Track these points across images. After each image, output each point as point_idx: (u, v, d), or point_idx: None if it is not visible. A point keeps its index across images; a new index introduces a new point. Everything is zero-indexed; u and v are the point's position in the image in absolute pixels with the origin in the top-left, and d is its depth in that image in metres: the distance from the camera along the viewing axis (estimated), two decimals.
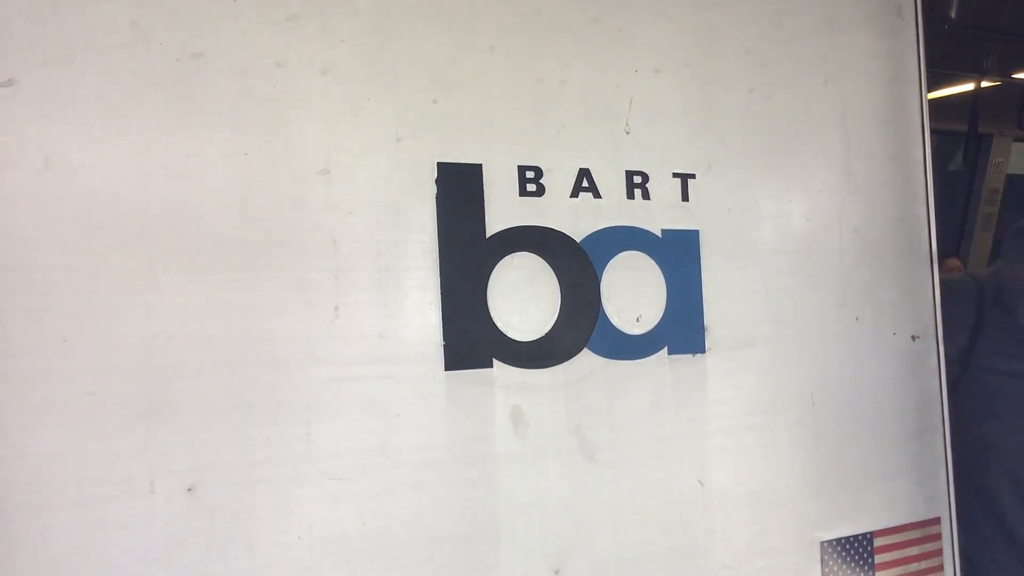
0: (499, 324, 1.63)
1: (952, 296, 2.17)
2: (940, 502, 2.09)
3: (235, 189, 1.43)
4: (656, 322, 1.78)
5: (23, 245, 1.29)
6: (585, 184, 1.72)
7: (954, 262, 6.43)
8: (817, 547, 1.94)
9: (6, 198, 1.28)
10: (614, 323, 1.73)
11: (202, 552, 1.39)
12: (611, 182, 1.74)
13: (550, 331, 1.67)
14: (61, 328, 1.31)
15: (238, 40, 1.44)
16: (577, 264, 1.70)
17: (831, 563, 1.94)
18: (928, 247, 2.10)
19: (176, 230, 1.38)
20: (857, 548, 1.98)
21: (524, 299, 1.65)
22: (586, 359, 1.71)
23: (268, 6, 1.47)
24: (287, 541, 1.45)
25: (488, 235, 1.63)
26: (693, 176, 1.82)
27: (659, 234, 1.78)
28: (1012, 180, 6.57)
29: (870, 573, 1.99)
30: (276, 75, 1.47)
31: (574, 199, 1.71)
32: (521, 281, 1.65)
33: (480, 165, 1.63)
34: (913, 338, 2.07)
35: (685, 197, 1.82)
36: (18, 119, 1.30)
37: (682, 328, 1.80)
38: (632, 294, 1.75)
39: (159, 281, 1.37)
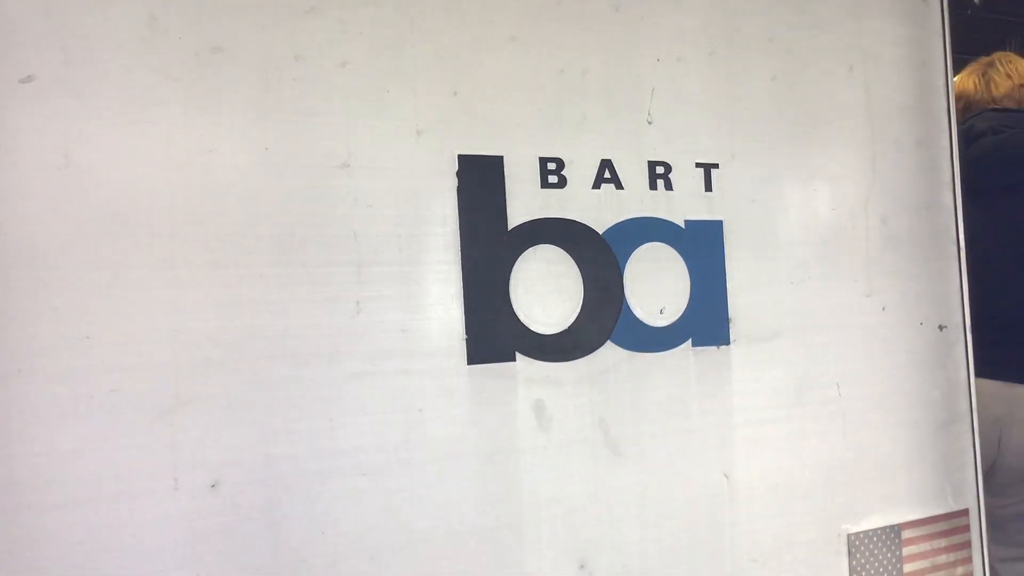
0: (522, 317, 1.61)
1: None
2: (968, 494, 2.07)
3: (255, 184, 1.42)
4: (680, 314, 1.76)
5: (44, 243, 1.28)
6: (607, 175, 1.70)
7: None
8: (844, 540, 1.92)
9: (26, 196, 1.28)
10: (637, 315, 1.72)
11: (226, 548, 1.38)
12: (633, 173, 1.73)
13: (573, 324, 1.66)
14: (83, 325, 1.30)
15: (257, 34, 1.43)
16: (600, 256, 1.68)
17: (858, 556, 1.92)
18: (955, 235, 2.07)
19: (197, 226, 1.38)
20: (884, 540, 1.96)
21: (547, 292, 1.64)
22: (609, 352, 1.69)
23: None
24: (311, 537, 1.44)
25: (510, 228, 1.61)
26: (716, 166, 1.80)
27: (682, 225, 1.77)
28: None
29: (897, 566, 1.97)
30: (296, 68, 1.46)
31: (596, 191, 1.69)
32: (543, 274, 1.63)
33: (501, 157, 1.61)
34: (940, 328, 2.05)
35: (708, 187, 1.80)
36: (37, 116, 1.29)
37: (706, 320, 1.78)
38: (655, 286, 1.74)
39: (181, 277, 1.36)
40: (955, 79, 2.88)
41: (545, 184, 1.65)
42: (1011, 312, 2.43)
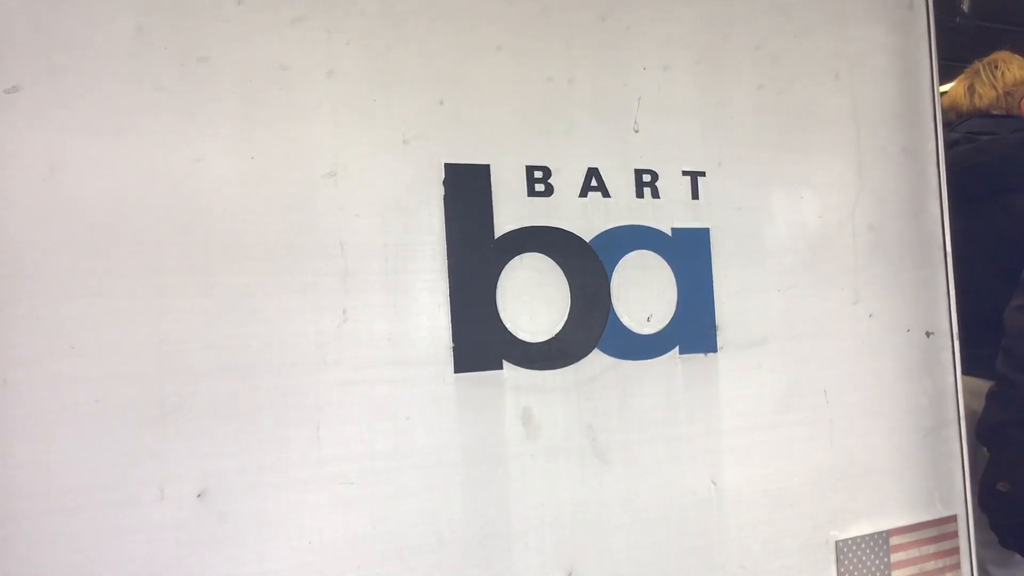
0: (509, 325, 1.61)
1: None
2: (956, 500, 2.07)
3: (242, 193, 1.42)
4: (667, 322, 1.76)
5: (29, 251, 1.28)
6: (594, 183, 1.70)
7: None
8: (832, 546, 1.92)
9: (12, 204, 1.28)
10: (625, 323, 1.72)
11: (212, 558, 1.38)
12: (620, 181, 1.73)
13: (560, 332, 1.66)
14: (69, 334, 1.30)
15: (243, 43, 1.44)
16: (587, 264, 1.69)
17: (847, 562, 1.93)
18: (942, 242, 2.08)
19: (183, 235, 1.38)
20: (873, 547, 1.96)
21: (534, 300, 1.64)
22: (597, 360, 1.69)
23: (273, 9, 1.46)
24: (298, 546, 1.44)
25: (497, 236, 1.61)
26: (703, 174, 1.81)
27: (669, 233, 1.77)
28: None
29: (886, 572, 1.97)
30: (282, 78, 1.46)
31: (583, 199, 1.69)
32: (530, 282, 1.64)
33: (488, 166, 1.61)
34: (927, 334, 2.05)
35: (695, 195, 1.80)
36: (23, 125, 1.29)
37: (693, 327, 1.79)
38: (643, 294, 1.74)
39: (166, 286, 1.36)
40: (949, 86, 2.89)
41: (532, 192, 1.65)
42: (988, 315, 2.43)
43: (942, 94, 2.16)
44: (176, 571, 1.36)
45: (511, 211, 1.63)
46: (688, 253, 1.79)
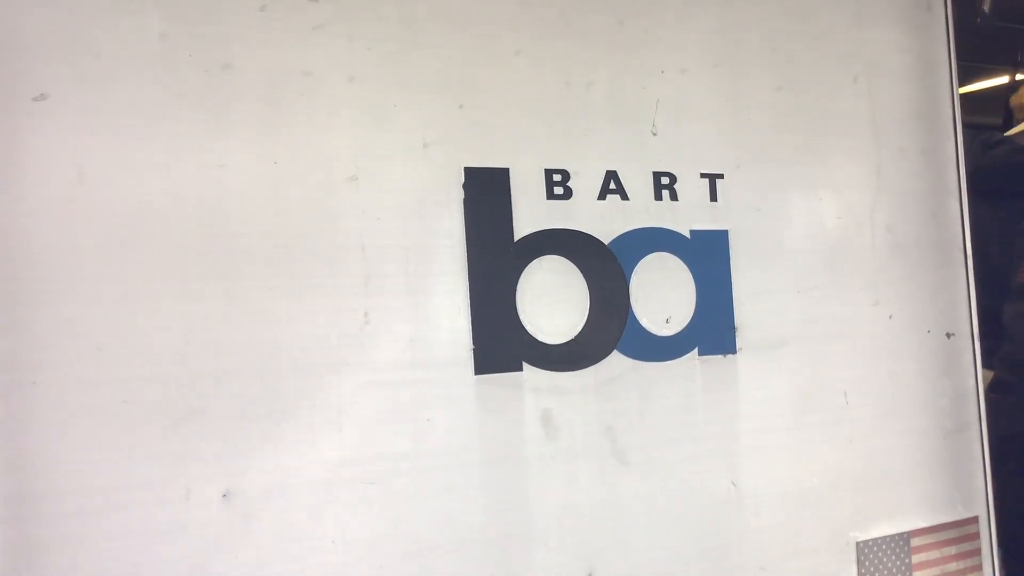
0: (528, 327, 1.63)
1: None
2: (978, 501, 2.07)
3: (265, 197, 1.44)
4: (686, 323, 1.77)
5: (57, 256, 1.31)
6: (612, 186, 1.71)
7: None
8: (853, 547, 1.92)
9: (41, 210, 1.30)
10: (644, 325, 1.73)
11: (237, 557, 1.40)
12: (638, 184, 1.74)
13: (579, 334, 1.67)
14: (96, 337, 1.32)
15: (266, 50, 1.46)
16: (605, 266, 1.70)
17: (867, 563, 1.92)
18: (962, 243, 2.07)
19: (208, 239, 1.40)
20: (894, 548, 1.96)
21: (553, 302, 1.65)
22: (616, 361, 1.70)
23: (295, 16, 1.48)
24: (320, 545, 1.46)
25: (516, 239, 1.63)
26: (721, 176, 1.82)
27: (688, 235, 1.78)
28: None
29: (907, 573, 1.97)
30: (304, 84, 1.48)
31: (601, 201, 1.70)
32: (550, 284, 1.65)
33: (507, 169, 1.63)
34: (948, 335, 2.05)
35: (713, 197, 1.81)
36: (51, 132, 1.31)
37: (712, 329, 1.79)
38: (661, 296, 1.75)
39: (192, 289, 1.38)
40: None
41: (551, 195, 1.66)
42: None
43: (962, 95, 2.15)
44: (201, 570, 1.37)
45: (530, 214, 1.64)
46: (707, 255, 1.80)
